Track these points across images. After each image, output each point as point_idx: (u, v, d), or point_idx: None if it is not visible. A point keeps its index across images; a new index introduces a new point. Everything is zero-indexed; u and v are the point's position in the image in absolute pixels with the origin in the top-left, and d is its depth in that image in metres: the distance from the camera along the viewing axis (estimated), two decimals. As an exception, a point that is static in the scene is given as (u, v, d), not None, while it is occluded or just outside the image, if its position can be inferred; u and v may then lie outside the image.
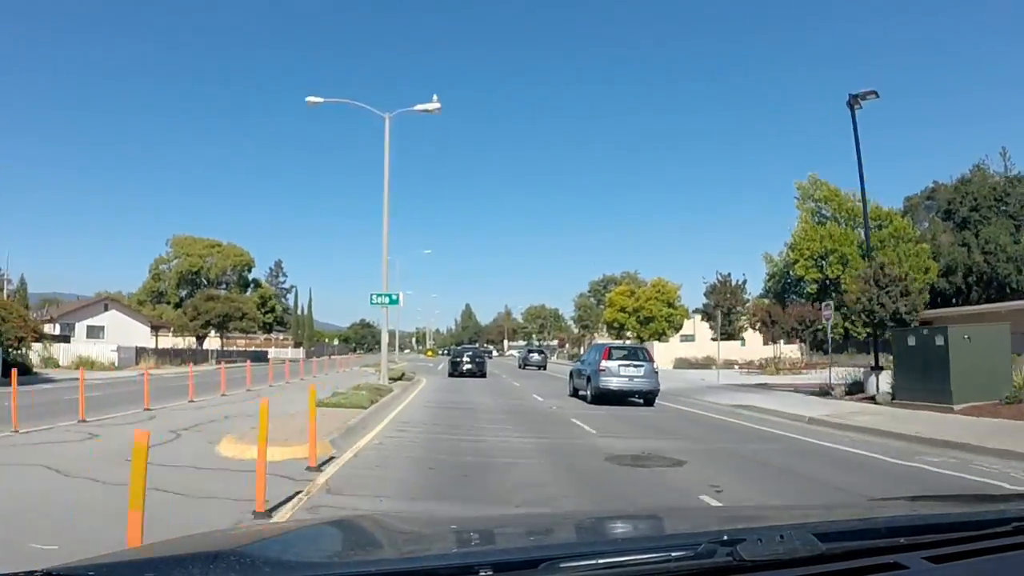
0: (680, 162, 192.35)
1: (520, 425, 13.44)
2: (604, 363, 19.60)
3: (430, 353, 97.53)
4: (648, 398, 19.27)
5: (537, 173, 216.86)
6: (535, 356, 51.18)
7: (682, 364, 44.13)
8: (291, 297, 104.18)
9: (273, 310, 67.29)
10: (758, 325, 41.62)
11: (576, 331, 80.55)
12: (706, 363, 42.78)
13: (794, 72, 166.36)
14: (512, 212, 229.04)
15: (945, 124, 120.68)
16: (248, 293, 64.77)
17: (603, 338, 70.29)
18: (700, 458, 9.62)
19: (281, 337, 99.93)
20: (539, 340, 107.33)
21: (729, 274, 50.36)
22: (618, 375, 19.51)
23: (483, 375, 32.90)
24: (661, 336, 50.16)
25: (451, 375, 33.24)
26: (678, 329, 49.13)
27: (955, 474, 8.69)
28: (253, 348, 71.67)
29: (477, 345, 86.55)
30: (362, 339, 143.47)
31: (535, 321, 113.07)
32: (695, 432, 13.01)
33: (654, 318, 46.49)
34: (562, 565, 1.47)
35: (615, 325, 56.62)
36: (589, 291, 70.22)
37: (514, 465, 8.81)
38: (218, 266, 62.28)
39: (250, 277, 67.42)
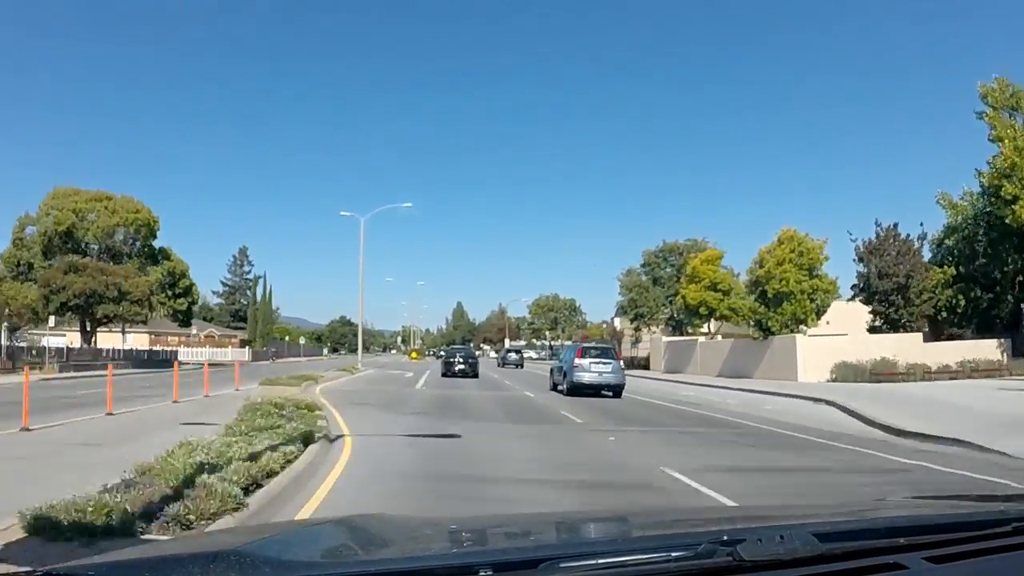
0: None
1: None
2: (577, 360, 24.33)
3: (415, 355, 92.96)
4: (616, 390, 24.43)
5: (537, 156, 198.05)
6: (512, 355, 60.64)
7: (848, 373, 31.27)
8: (259, 288, 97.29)
9: (189, 292, 54.17)
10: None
11: (616, 323, 61.14)
12: (886, 370, 30.81)
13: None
14: (509, 199, 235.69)
15: None
16: (160, 266, 52.62)
17: (665, 335, 53.56)
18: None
19: (218, 334, 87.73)
20: (553, 339, 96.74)
21: (895, 225, 35.98)
22: (589, 371, 23.95)
23: (475, 375, 37.60)
24: (800, 324, 35.24)
25: (444, 375, 37.51)
26: (820, 313, 35.82)
27: None
28: (177, 347, 66.05)
29: (471, 344, 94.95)
30: (341, 337, 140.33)
31: (547, 315, 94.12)
32: None
33: (791, 294, 26.23)
34: (562, 565, 1.53)
35: (702, 311, 38.01)
36: (643, 266, 49.89)
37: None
38: (101, 225, 48.74)
39: (157, 245, 53.84)
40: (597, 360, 24.42)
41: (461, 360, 38.21)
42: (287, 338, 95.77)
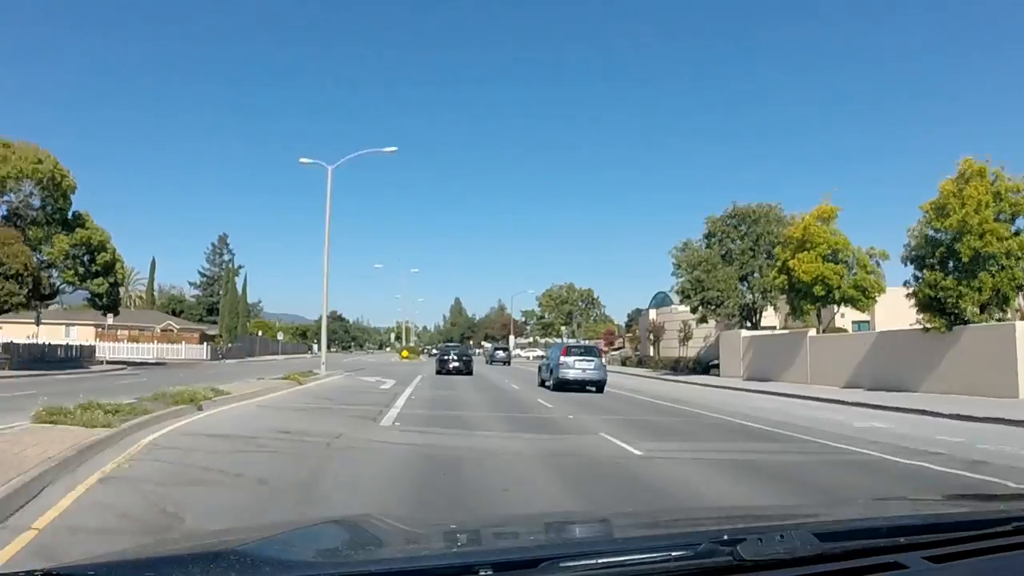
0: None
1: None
2: (563, 358, 26.87)
3: (406, 354, 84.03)
4: (599, 386, 26.93)
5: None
6: (500, 353, 63.04)
7: None
8: (238, 279, 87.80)
9: (111, 271, 41.09)
10: None
11: (652, 314, 50.32)
12: None
13: None
14: (507, 195, 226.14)
15: None
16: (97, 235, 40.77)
17: (720, 329, 43.22)
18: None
19: (177, 328, 74.71)
20: (569, 335, 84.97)
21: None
22: (574, 368, 26.29)
23: (470, 373, 40.45)
24: (1004, 304, 23.61)
25: (439, 373, 40.45)
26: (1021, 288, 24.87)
27: None
28: (96, 341, 54.47)
29: (470, 342, 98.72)
30: (332, 333, 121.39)
31: (559, 308, 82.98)
32: None
33: (993, 257, 13.30)
34: (562, 565, 1.52)
35: (817, 290, 29.05)
36: (706, 236, 37.24)
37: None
38: (-16, 176, 42.99)
39: (71, 211, 40.44)
40: (581, 358, 27.08)
41: (456, 358, 41.52)
42: (260, 333, 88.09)
